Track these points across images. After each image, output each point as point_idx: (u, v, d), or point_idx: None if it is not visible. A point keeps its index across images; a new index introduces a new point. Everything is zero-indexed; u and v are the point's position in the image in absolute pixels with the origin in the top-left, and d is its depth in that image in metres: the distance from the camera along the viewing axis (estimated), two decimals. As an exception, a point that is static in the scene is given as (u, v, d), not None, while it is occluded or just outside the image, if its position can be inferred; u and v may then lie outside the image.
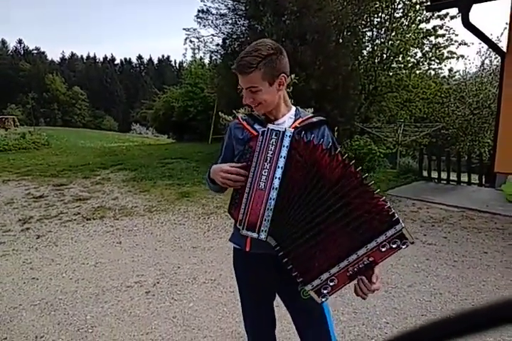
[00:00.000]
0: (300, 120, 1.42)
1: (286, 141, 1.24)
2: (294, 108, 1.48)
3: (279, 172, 1.24)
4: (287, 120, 1.44)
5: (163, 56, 79.91)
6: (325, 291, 1.21)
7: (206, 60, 15.29)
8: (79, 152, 11.11)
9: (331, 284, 1.20)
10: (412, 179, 6.79)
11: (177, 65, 70.93)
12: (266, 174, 1.25)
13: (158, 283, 3.22)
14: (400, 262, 3.58)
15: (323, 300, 1.23)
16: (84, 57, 77.30)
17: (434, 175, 6.62)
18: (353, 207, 1.16)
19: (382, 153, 7.80)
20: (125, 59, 78.77)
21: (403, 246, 1.14)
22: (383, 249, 1.14)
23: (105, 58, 76.99)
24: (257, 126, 1.43)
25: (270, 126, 1.28)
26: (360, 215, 1.15)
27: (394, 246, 1.13)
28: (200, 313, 2.76)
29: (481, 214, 4.85)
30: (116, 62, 78.39)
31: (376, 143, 8.25)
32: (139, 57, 79.80)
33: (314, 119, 1.43)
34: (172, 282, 3.24)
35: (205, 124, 13.67)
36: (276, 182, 1.24)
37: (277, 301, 1.60)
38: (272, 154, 1.25)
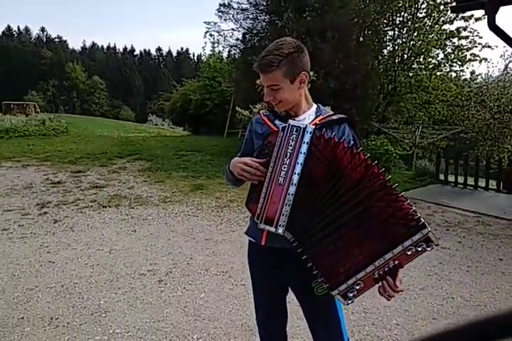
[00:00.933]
0: (320, 117, 1.42)
1: (307, 137, 1.24)
2: (315, 105, 1.48)
3: (298, 168, 1.24)
4: (308, 117, 1.43)
5: (182, 49, 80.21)
6: (351, 295, 1.22)
7: (225, 54, 15.29)
8: (96, 140, 11.26)
9: (357, 288, 1.21)
10: (428, 182, 6.71)
11: (195, 58, 71.07)
12: (285, 169, 1.25)
13: (170, 272, 3.27)
14: (413, 264, 3.55)
15: (349, 302, 1.24)
16: (105, 47, 78.02)
17: (451, 178, 6.53)
18: (376, 210, 1.16)
19: (398, 154, 7.72)
20: (144, 50, 79.19)
21: (428, 249, 1.14)
22: (409, 253, 1.14)
23: (125, 49, 77.56)
24: (277, 122, 1.44)
25: (291, 121, 1.27)
26: (385, 219, 1.15)
27: (419, 249, 1.13)
28: (211, 304, 2.79)
29: (497, 221, 4.78)
30: (135, 53, 78.89)
31: (392, 144, 8.17)
32: (158, 49, 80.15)
33: (334, 117, 1.42)
34: (184, 272, 3.28)
35: (222, 118, 13.71)
36: (296, 178, 1.24)
37: (289, 296, 1.61)
38: (292, 150, 1.25)
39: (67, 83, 58.40)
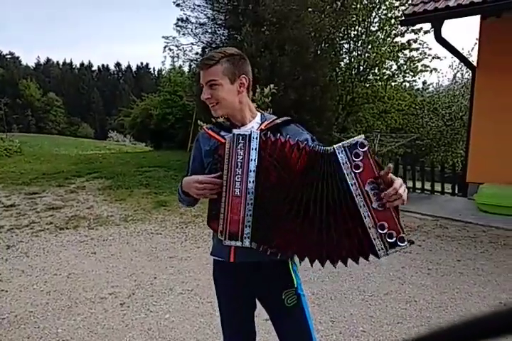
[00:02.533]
0: (266, 123, 1.44)
1: (254, 143, 1.23)
2: (259, 114, 1.50)
3: (252, 176, 1.22)
4: (254, 125, 1.45)
5: (141, 63, 79.24)
6: (391, 239, 1.18)
7: (185, 68, 15.28)
8: (53, 159, 10.82)
9: (386, 231, 1.17)
10: (388, 188, 6.91)
11: (156, 73, 70.58)
12: (239, 180, 1.23)
13: (133, 294, 3.15)
14: (376, 270, 3.62)
15: (404, 244, 1.18)
16: (61, 62, 75.96)
17: (409, 184, 6.77)
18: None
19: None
20: (102, 65, 77.79)
21: (366, 148, 1.18)
22: (360, 165, 1.18)
23: (82, 64, 75.80)
24: (223, 133, 1.42)
25: (235, 131, 1.27)
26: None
27: (358, 152, 1.18)
28: (176, 324, 2.71)
29: (454, 223, 4.97)
30: (93, 69, 77.29)
31: (353, 153, 8.37)
32: (117, 64, 78.97)
33: (278, 121, 1.45)
34: (148, 293, 3.17)
35: (184, 132, 13.59)
36: (251, 186, 1.23)
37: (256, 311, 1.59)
38: (242, 159, 1.23)
39: (21, 101, 56.22)
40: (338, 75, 10.92)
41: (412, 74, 11.40)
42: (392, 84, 11.84)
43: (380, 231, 1.17)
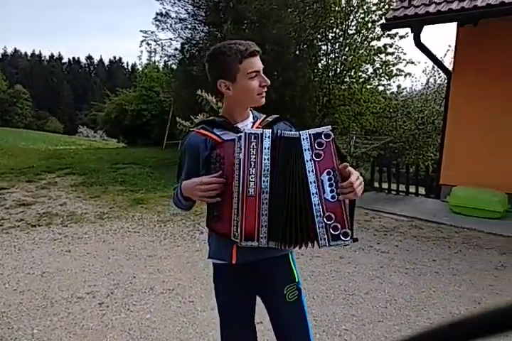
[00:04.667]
0: (259, 121, 1.45)
1: (267, 143, 1.23)
2: (250, 112, 1.50)
3: (266, 175, 1.22)
4: (249, 124, 1.44)
5: (114, 57, 77.44)
6: (335, 232, 1.20)
7: (162, 64, 15.03)
8: (21, 154, 10.39)
9: (332, 222, 1.20)
10: (365, 189, 7.03)
11: (129, 68, 69.07)
12: (253, 179, 1.22)
13: (112, 293, 3.06)
14: (356, 270, 3.67)
15: (347, 240, 1.21)
16: (29, 54, 73.14)
17: (385, 186, 6.91)
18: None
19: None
20: (73, 58, 75.42)
21: (330, 138, 1.24)
22: (321, 153, 1.24)
23: (52, 56, 73.27)
24: (216, 131, 1.39)
25: (247, 130, 1.26)
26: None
27: (321, 141, 1.24)
28: (158, 325, 2.65)
29: (428, 224, 5.11)
30: (63, 61, 74.82)
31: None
32: (89, 57, 76.79)
33: (270, 119, 1.47)
34: (127, 292, 3.09)
35: (160, 129, 13.38)
36: (265, 186, 1.22)
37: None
38: (255, 158, 1.22)
39: (-14, 92, 53.71)
40: (315, 76, 11.02)
41: (387, 77, 11.65)
42: (368, 87, 12.05)
43: (326, 222, 1.20)
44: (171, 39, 9.91)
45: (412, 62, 11.23)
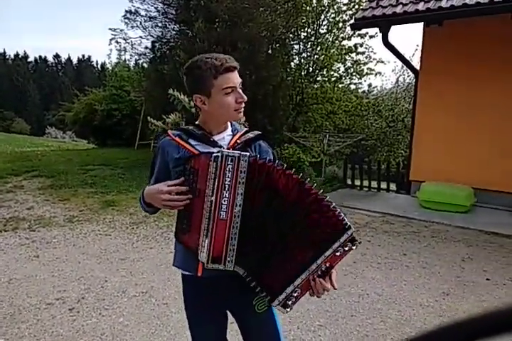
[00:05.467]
0: (238, 136, 1.41)
1: (243, 166, 1.20)
2: (229, 124, 1.45)
3: (239, 199, 1.20)
4: (226, 137, 1.41)
5: (83, 56, 75.39)
6: (290, 302, 1.23)
7: (132, 63, 14.75)
8: (-15, 156, 9.98)
9: (295, 295, 1.22)
10: (337, 186, 7.15)
11: (99, 67, 67.48)
12: (226, 203, 1.19)
13: (83, 298, 2.98)
14: (330, 266, 3.72)
15: (288, 310, 1.24)
16: (-8, 52, 70.18)
17: (357, 182, 7.03)
18: (311, 222, 1.19)
19: (308, 161, 8.12)
20: (40, 57, 72.90)
21: (354, 247, 1.19)
22: (338, 254, 1.18)
23: (17, 55, 70.54)
24: (192, 142, 1.36)
25: (224, 151, 1.22)
26: (318, 228, 1.18)
27: (346, 248, 1.18)
28: (131, 328, 2.60)
29: (399, 219, 5.24)
30: (29, 60, 72.25)
31: (303, 152, 8.57)
32: (56, 56, 74.33)
33: (251, 135, 1.42)
34: (99, 296, 3.02)
35: (131, 129, 13.13)
36: (238, 210, 1.20)
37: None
38: (229, 181, 1.20)
39: None
40: (288, 75, 11.09)
41: (358, 76, 11.86)
42: (340, 85, 12.24)
43: (293, 292, 1.25)
44: (141, 37, 9.73)
45: (382, 62, 11.49)
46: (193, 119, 1.54)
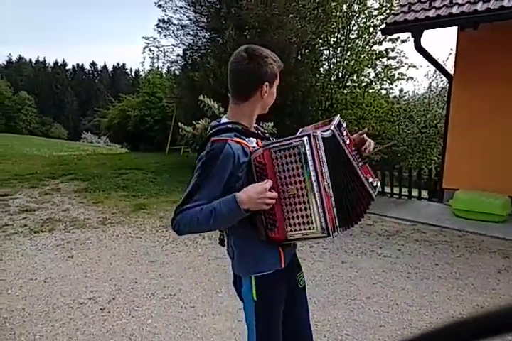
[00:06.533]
0: (254, 125, 1.53)
1: (321, 141, 1.32)
2: None
3: (326, 172, 1.32)
4: (253, 129, 1.50)
5: (118, 64, 78.08)
6: (374, 184, 1.49)
7: (165, 70, 15.13)
8: (25, 160, 10.47)
9: (370, 180, 1.49)
10: (367, 193, 7.02)
11: (133, 74, 69.54)
12: (326, 177, 1.32)
13: (113, 299, 3.07)
14: (358, 274, 3.66)
15: (379, 186, 1.52)
16: (33, 60, 73.79)
17: (387, 189, 6.89)
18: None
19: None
20: (77, 65, 76.00)
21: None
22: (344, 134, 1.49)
23: (56, 63, 73.85)
24: (246, 139, 1.40)
25: (312, 132, 1.31)
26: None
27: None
28: (159, 330, 2.65)
29: (431, 228, 5.09)
30: (67, 68, 75.43)
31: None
32: (93, 64, 77.41)
33: (263, 125, 1.64)
34: (129, 298, 3.09)
35: (162, 135, 13.44)
36: (329, 181, 1.32)
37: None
38: (323, 158, 1.31)
39: (-9, 99, 54.07)
40: (317, 81, 11.05)
41: (389, 81, 11.67)
42: (370, 91, 12.07)
43: (369, 181, 1.48)
44: (173, 45, 10.00)
45: (414, 66, 11.25)
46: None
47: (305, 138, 1.29)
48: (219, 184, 1.31)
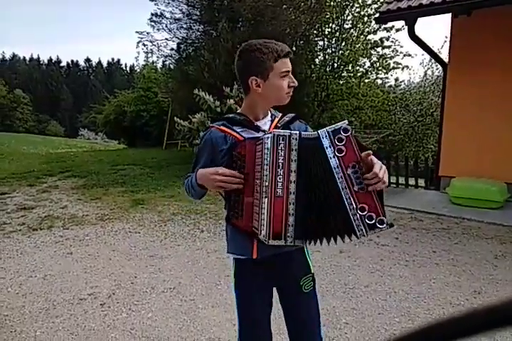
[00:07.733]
0: (276, 120, 1.48)
1: (294, 144, 1.25)
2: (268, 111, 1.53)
3: (293, 176, 1.24)
4: (267, 122, 1.47)
5: (113, 59, 77.59)
6: (371, 221, 1.20)
7: (159, 64, 15.03)
8: (22, 158, 10.45)
9: (365, 213, 1.20)
10: (364, 183, 7.04)
11: (128, 69, 69.12)
12: (281, 180, 1.23)
13: (113, 294, 3.08)
14: (356, 263, 3.69)
15: (384, 227, 1.20)
16: (27, 58, 73.25)
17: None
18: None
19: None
20: (72, 61, 75.45)
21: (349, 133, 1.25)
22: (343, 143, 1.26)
23: (50, 60, 73.35)
24: (237, 129, 1.43)
25: (275, 131, 1.27)
26: None
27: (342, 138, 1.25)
28: (159, 323, 2.67)
29: (428, 216, 5.12)
30: (62, 65, 74.90)
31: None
32: (87, 60, 76.85)
33: (287, 118, 1.51)
34: (128, 292, 3.11)
35: (159, 129, 13.42)
36: (293, 187, 1.24)
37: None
38: (283, 159, 1.24)
39: (-15, 98, 53.73)
40: (313, 72, 11.00)
41: (384, 71, 11.64)
42: (366, 81, 12.05)
43: (360, 213, 1.20)
44: (166, 39, 9.92)
45: (409, 55, 11.22)
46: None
47: (270, 135, 1.26)
48: (207, 165, 1.43)
